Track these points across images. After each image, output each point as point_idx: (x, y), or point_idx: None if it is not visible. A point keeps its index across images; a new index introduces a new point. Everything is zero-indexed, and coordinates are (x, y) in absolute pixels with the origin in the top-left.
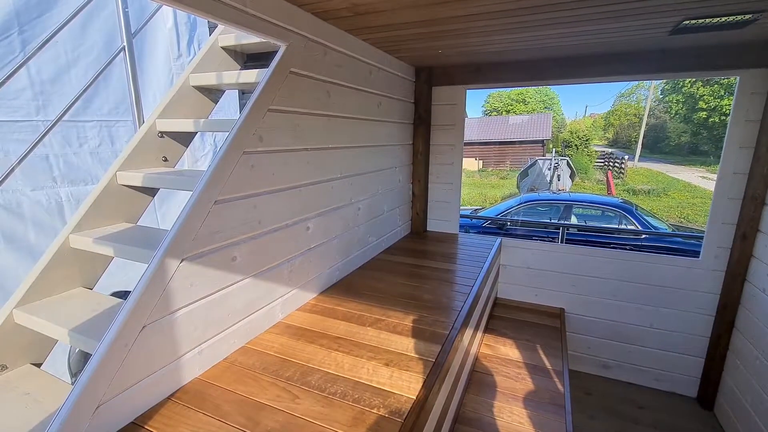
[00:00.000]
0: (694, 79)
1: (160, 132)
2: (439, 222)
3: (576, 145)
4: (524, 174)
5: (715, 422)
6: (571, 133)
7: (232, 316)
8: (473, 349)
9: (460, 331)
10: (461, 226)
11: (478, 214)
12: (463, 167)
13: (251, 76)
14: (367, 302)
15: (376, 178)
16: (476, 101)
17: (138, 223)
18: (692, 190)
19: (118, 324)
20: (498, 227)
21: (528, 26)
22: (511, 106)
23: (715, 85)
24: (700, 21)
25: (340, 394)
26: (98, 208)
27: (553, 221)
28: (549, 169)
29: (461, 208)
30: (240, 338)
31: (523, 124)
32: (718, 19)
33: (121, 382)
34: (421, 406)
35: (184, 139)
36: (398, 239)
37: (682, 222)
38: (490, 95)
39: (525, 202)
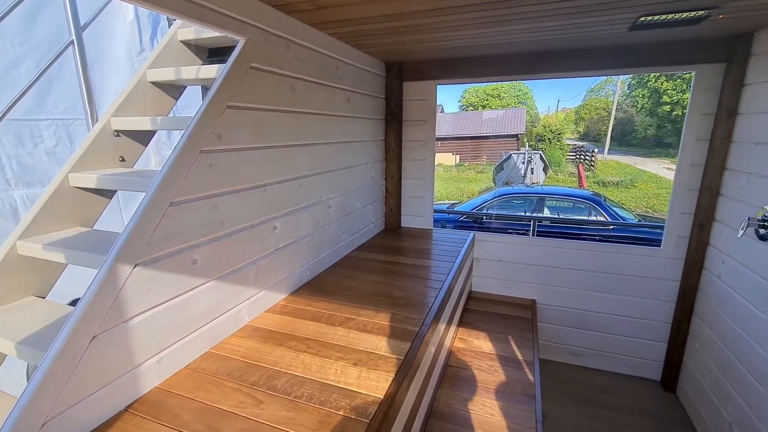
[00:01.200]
0: (658, 74)
1: (116, 131)
2: (413, 218)
3: (549, 139)
4: (500, 168)
5: (677, 404)
6: (544, 127)
7: (195, 321)
8: (447, 344)
9: (431, 327)
10: (437, 221)
11: (455, 209)
12: (441, 162)
13: (212, 71)
14: (338, 301)
15: (348, 175)
16: (453, 96)
17: (96, 227)
18: (658, 181)
19: (64, 335)
20: (474, 221)
21: (494, 21)
22: (487, 101)
23: (678, 80)
24: (657, 17)
25: (306, 397)
26: (49, 212)
27: (525, 214)
28: (523, 163)
29: (439, 202)
30: (203, 344)
31: (498, 119)
32: (673, 15)
33: (71, 396)
34: (389, 404)
35: (143, 137)
36: (372, 236)
37: (648, 212)
38: (466, 90)
39: (500, 196)
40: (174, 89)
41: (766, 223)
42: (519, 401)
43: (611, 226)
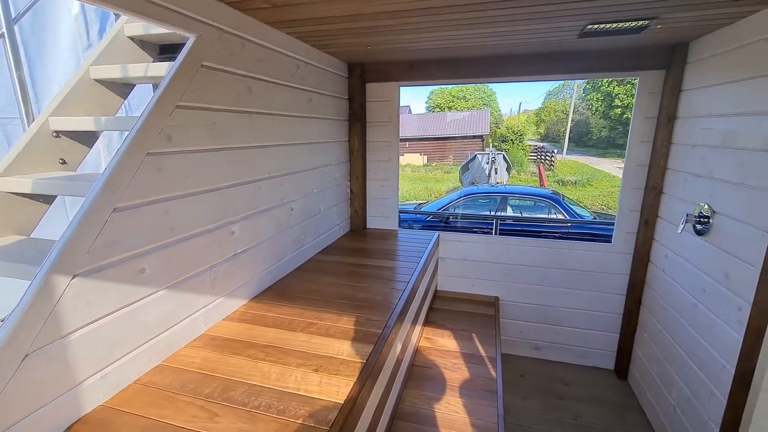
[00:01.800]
0: (610, 79)
1: (55, 131)
2: (378, 219)
3: (512, 140)
4: (465, 168)
5: (629, 390)
6: (508, 128)
7: (144, 333)
8: (412, 344)
9: (395, 328)
10: (405, 222)
11: (422, 209)
12: (409, 162)
13: (162, 69)
14: (301, 306)
15: (311, 177)
16: (420, 97)
17: (37, 236)
18: (611, 180)
19: None
20: (441, 221)
21: (451, 25)
22: (453, 102)
23: (628, 85)
24: (603, 26)
25: (264, 407)
26: None
27: (490, 213)
28: (487, 163)
29: (407, 202)
30: (155, 356)
31: (463, 120)
32: (618, 24)
33: (1, 420)
34: (350, 409)
35: (86, 139)
36: (337, 238)
37: (603, 209)
38: (432, 92)
39: (465, 196)
40: (121, 88)
41: (702, 219)
42: (482, 397)
43: (569, 224)
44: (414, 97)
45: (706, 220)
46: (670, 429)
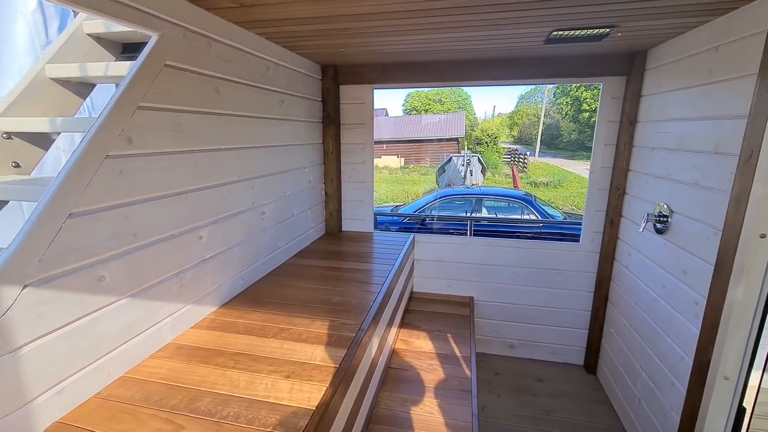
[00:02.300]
0: (578, 84)
1: (6, 133)
2: (353, 221)
3: (486, 143)
4: (441, 170)
5: (598, 384)
6: (482, 131)
7: (105, 344)
8: (388, 346)
9: (369, 332)
10: (381, 224)
11: (399, 211)
12: (386, 165)
13: (124, 68)
14: (273, 311)
15: (283, 180)
16: (397, 100)
17: None
18: (581, 181)
19: None
20: (418, 222)
21: (421, 29)
22: (429, 105)
23: (595, 90)
24: (567, 33)
25: (232, 417)
26: None
27: (465, 215)
28: (463, 165)
29: (384, 205)
30: (117, 368)
31: (439, 123)
32: (580, 31)
33: None
34: (321, 416)
35: (42, 141)
36: (312, 241)
37: (573, 209)
38: (409, 95)
39: (441, 197)
40: (80, 87)
41: (661, 219)
42: (456, 397)
43: (541, 224)
44: (391, 100)
45: (665, 219)
46: (636, 421)
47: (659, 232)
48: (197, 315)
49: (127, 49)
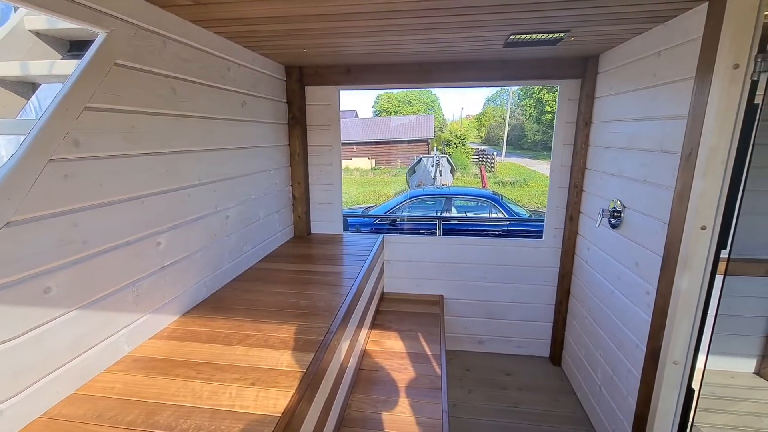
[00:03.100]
0: (540, 87)
1: None
2: (322, 224)
3: (455, 144)
4: (412, 171)
5: (563, 375)
6: (451, 132)
7: (52, 360)
8: (358, 348)
9: (337, 334)
10: (352, 225)
11: (370, 212)
12: (357, 166)
13: (69, 67)
14: (239, 318)
15: (248, 183)
16: (368, 102)
17: None
18: (545, 180)
19: None
20: (388, 223)
21: (382, 31)
22: (399, 107)
23: (555, 92)
24: (524, 36)
25: (193, 429)
26: None
27: (436, 215)
28: (432, 166)
29: (355, 206)
30: (66, 385)
31: (409, 125)
32: (536, 35)
33: None
34: (287, 422)
35: None
36: (279, 245)
37: (538, 207)
38: (379, 96)
39: (411, 198)
40: (22, 87)
41: (615, 214)
42: (427, 395)
43: (508, 222)
44: (361, 102)
45: (618, 214)
46: (598, 408)
47: (613, 226)
48: (157, 325)
49: (75, 47)
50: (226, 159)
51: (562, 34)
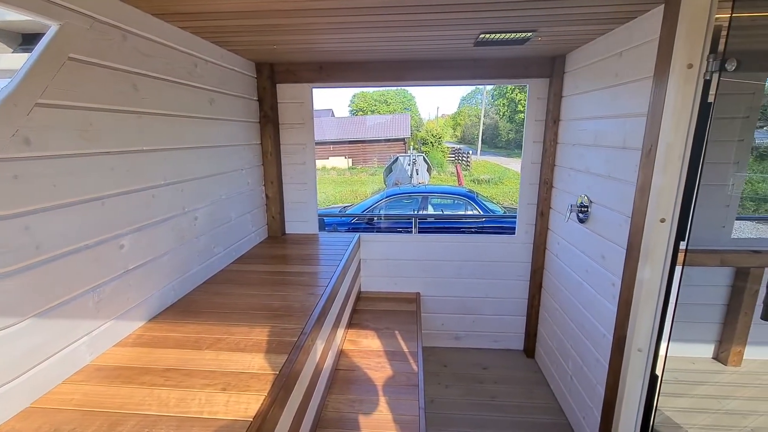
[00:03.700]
0: (513, 86)
1: None
2: (297, 224)
3: (431, 143)
4: (389, 170)
5: (536, 367)
6: (427, 131)
7: (4, 372)
8: (335, 348)
9: (311, 335)
10: (329, 225)
11: (347, 212)
12: (334, 166)
13: (20, 61)
14: (209, 322)
15: (218, 182)
16: (344, 101)
17: None
18: (518, 178)
19: None
20: (366, 222)
21: (353, 27)
22: (375, 106)
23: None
24: (493, 36)
25: None
26: None
27: (413, 213)
28: (409, 165)
29: (332, 206)
30: (20, 398)
31: (385, 124)
32: (505, 35)
33: None
34: (258, 427)
35: None
36: (253, 246)
37: (513, 204)
38: (355, 95)
39: (388, 197)
40: None
41: (582, 209)
42: (404, 392)
43: (483, 218)
44: (337, 101)
45: (585, 209)
46: (569, 396)
47: (581, 221)
48: (121, 332)
49: (28, 40)
50: (194, 158)
51: (529, 34)
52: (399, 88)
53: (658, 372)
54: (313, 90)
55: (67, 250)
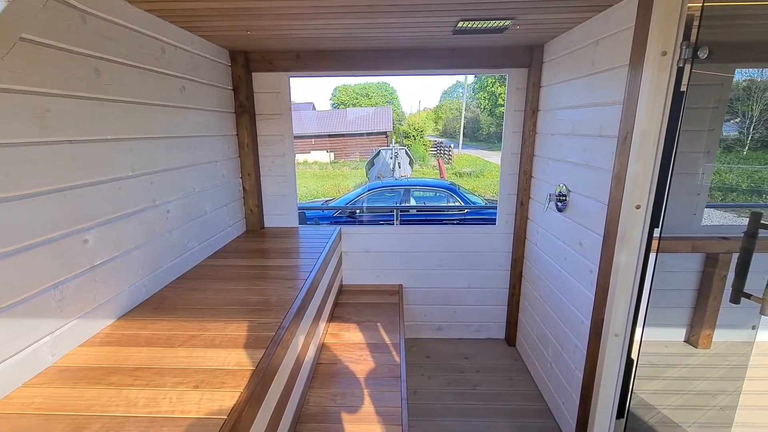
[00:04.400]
0: (494, 80)
1: None
2: (277, 217)
3: (413, 136)
4: (371, 164)
5: (517, 355)
6: (409, 125)
7: None
8: (316, 342)
9: (290, 329)
10: (310, 219)
11: (329, 205)
12: (316, 160)
13: None
14: (182, 318)
15: (191, 174)
16: (325, 94)
17: None
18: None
19: None
20: (349, 216)
21: (329, 12)
22: (357, 100)
23: None
24: (472, 24)
25: None
26: None
27: (395, 205)
28: (391, 158)
29: (315, 200)
30: None
31: (367, 117)
32: (483, 23)
33: None
34: (233, 424)
35: None
36: (230, 240)
37: (494, 196)
38: (337, 89)
39: (370, 190)
40: None
41: (561, 198)
42: (386, 384)
43: (465, 210)
44: (319, 94)
45: (564, 198)
46: (549, 383)
47: (560, 210)
48: (88, 331)
49: None
50: (165, 149)
51: (507, 22)
52: (381, 81)
53: (634, 356)
54: (292, 80)
55: (24, 245)
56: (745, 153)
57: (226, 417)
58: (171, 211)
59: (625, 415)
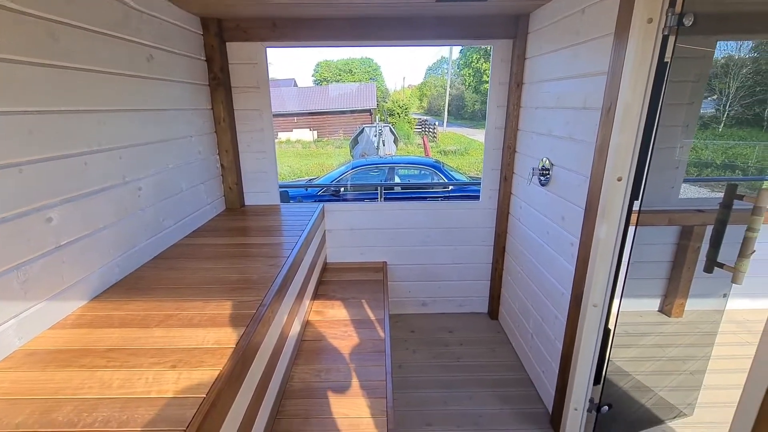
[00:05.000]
0: (479, 56)
1: None
2: (257, 194)
3: (398, 114)
4: (355, 141)
5: (499, 328)
6: (394, 102)
7: None
8: (300, 319)
9: (271, 307)
10: (294, 197)
11: (312, 183)
12: (299, 138)
13: None
14: (158, 298)
15: (163, 150)
16: (307, 70)
17: None
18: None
19: None
20: (333, 194)
21: None
22: (340, 76)
23: None
24: None
25: (101, 422)
26: None
27: (380, 182)
28: (375, 136)
29: (299, 179)
30: None
31: (350, 94)
32: None
33: None
34: (212, 402)
35: None
36: (209, 218)
37: (478, 174)
38: (319, 64)
39: (354, 168)
40: None
41: (544, 172)
42: (370, 359)
43: (450, 187)
44: (300, 70)
45: (547, 172)
46: (530, 353)
47: (543, 184)
48: (57, 313)
49: None
50: (133, 122)
51: None
52: (364, 57)
53: (611, 326)
54: (270, 52)
55: None
56: (720, 130)
57: (205, 395)
58: (143, 189)
59: (602, 381)
